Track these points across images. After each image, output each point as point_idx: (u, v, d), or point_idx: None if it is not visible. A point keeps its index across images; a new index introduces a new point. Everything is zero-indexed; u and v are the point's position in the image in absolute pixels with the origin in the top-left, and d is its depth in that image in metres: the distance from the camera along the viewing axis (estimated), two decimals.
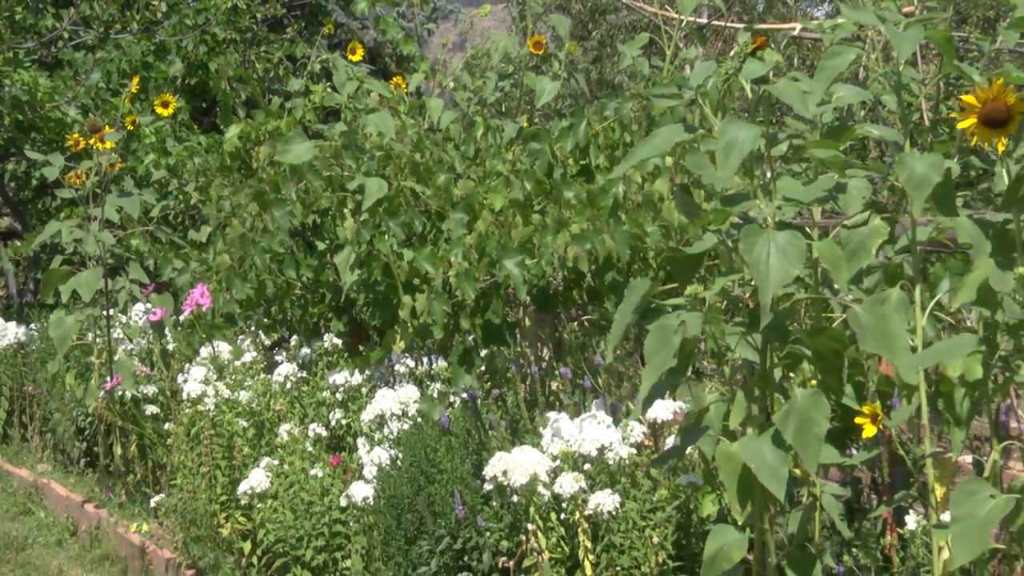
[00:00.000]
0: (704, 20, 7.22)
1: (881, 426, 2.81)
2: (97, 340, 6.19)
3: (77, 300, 5.79)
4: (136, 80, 7.48)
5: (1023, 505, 2.43)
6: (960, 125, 2.41)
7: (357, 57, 6.24)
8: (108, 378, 5.98)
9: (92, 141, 5.99)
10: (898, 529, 3.35)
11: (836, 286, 2.85)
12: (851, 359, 2.83)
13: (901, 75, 2.66)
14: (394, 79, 6.24)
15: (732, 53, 2.70)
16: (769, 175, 2.72)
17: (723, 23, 7.58)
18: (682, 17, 5.62)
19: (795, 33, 6.01)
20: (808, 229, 2.71)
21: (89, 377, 6.29)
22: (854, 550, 3.27)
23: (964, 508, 2.36)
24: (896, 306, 2.66)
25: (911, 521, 3.19)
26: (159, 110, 8.08)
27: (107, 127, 6.13)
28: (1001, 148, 2.43)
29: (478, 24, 8.22)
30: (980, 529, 2.32)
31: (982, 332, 2.69)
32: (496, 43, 6.15)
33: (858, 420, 2.81)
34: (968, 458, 3.70)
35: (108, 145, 5.99)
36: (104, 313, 6.10)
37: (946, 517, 2.88)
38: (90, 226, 5.97)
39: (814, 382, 2.89)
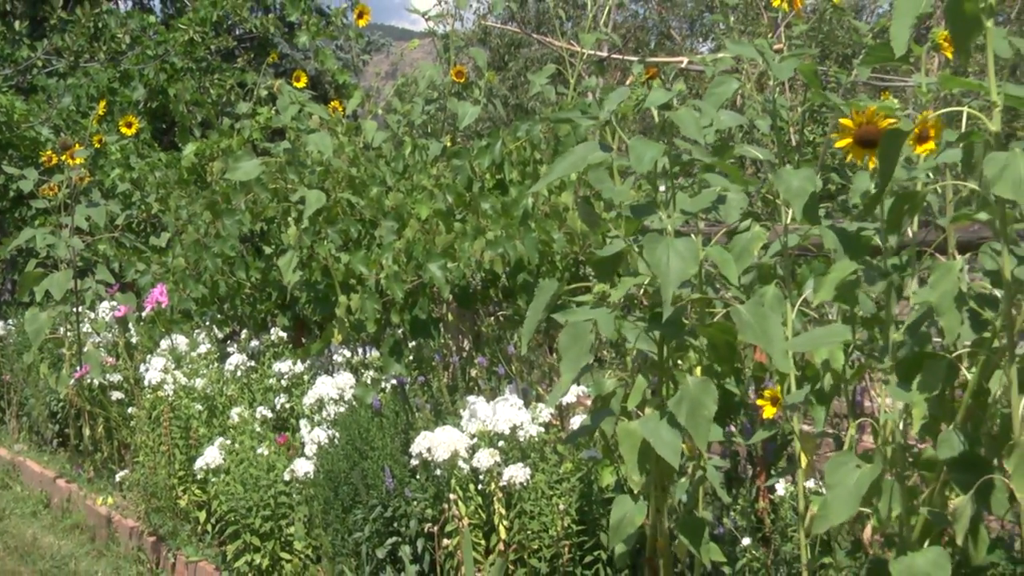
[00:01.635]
0: (604, 54, 7.22)
1: (780, 408, 2.84)
2: (68, 334, 6.09)
3: (50, 298, 5.69)
4: (103, 103, 7.35)
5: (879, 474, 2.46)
6: (837, 144, 2.41)
7: (301, 84, 6.14)
8: (78, 368, 5.87)
9: (63, 157, 5.87)
10: (770, 496, 3.37)
11: (717, 286, 2.86)
12: None
13: (776, 101, 2.67)
14: (333, 103, 6.18)
15: (628, 82, 2.69)
16: (664, 188, 2.72)
17: (620, 56, 7.59)
18: (584, 51, 5.63)
19: (683, 66, 6.03)
20: (692, 236, 2.72)
21: (61, 367, 6.20)
22: (732, 513, 3.29)
23: (836, 477, 2.38)
24: (771, 302, 2.67)
25: (780, 488, 3.22)
26: (123, 130, 7.90)
27: (77, 145, 6.00)
28: (872, 165, 2.45)
29: (407, 56, 8.14)
30: (851, 495, 2.34)
31: (840, 325, 2.72)
32: (423, 72, 6.09)
33: (759, 402, 2.83)
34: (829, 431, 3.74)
35: (78, 161, 5.87)
36: (74, 310, 6.01)
37: (811, 484, 2.91)
38: (61, 233, 5.88)
39: (699, 369, 2.90)
